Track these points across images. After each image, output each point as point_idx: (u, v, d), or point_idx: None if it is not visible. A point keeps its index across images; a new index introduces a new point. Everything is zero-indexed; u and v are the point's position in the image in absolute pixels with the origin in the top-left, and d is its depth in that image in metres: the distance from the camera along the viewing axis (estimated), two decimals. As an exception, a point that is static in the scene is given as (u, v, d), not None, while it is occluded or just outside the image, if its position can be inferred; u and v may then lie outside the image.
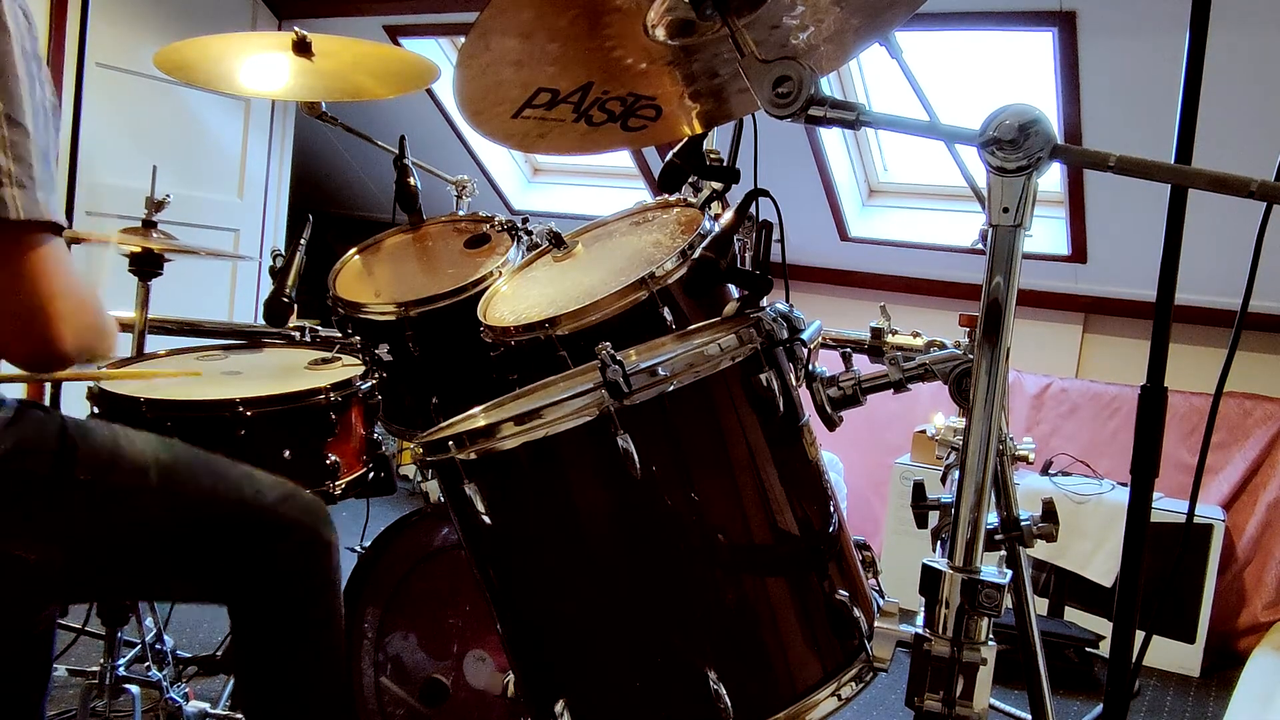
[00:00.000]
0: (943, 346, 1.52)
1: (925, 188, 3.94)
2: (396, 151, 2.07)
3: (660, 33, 1.17)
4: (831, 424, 1.21)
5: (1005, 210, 0.90)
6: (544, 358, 1.40)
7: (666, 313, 1.37)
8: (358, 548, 2.01)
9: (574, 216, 3.15)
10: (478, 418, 1.25)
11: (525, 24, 1.10)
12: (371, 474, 1.95)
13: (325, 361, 1.99)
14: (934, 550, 1.36)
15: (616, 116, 1.28)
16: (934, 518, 1.42)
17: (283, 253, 1.92)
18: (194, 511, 1.34)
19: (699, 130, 1.41)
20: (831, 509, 1.19)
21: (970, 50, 3.61)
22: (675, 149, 1.46)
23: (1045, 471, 3.40)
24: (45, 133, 1.09)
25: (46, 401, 3.09)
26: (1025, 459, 1.60)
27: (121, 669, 2.02)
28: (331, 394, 1.79)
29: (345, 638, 1.51)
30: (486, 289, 1.67)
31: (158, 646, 2.16)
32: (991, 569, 0.94)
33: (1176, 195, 1.33)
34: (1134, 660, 1.34)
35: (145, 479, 1.29)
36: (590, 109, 1.24)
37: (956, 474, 0.98)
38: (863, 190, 4.02)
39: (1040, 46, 3.13)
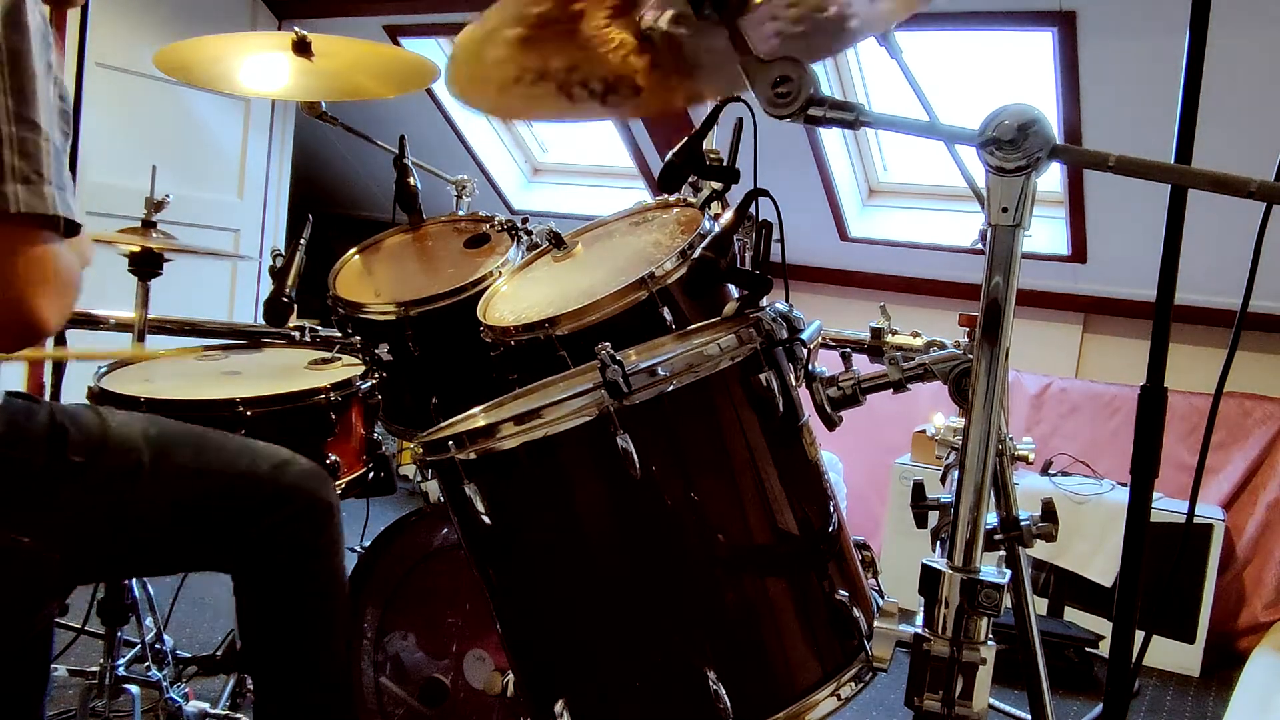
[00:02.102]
0: (942, 346, 1.52)
1: (925, 188, 3.94)
2: (396, 151, 2.07)
3: (660, 23, 1.17)
4: (831, 424, 1.21)
5: (1004, 210, 0.90)
6: (544, 358, 1.40)
7: (666, 313, 1.37)
8: (358, 548, 2.01)
9: (574, 216, 3.15)
10: (478, 418, 1.25)
11: (528, 16, 1.11)
12: (371, 474, 1.95)
13: (325, 361, 1.99)
14: (934, 550, 1.36)
15: (597, 94, 1.28)
16: (934, 518, 1.42)
17: (283, 253, 1.92)
18: (190, 485, 1.34)
19: (678, 105, 1.41)
20: (831, 509, 1.19)
21: (970, 50, 3.61)
22: (675, 149, 1.46)
23: (1045, 471, 3.40)
24: (57, 132, 1.09)
25: (47, 394, 3.09)
26: (1025, 459, 1.60)
27: (121, 669, 2.02)
28: (331, 394, 1.79)
29: (349, 598, 1.51)
30: (486, 289, 1.67)
31: (157, 646, 2.16)
32: (991, 569, 0.94)
33: (1176, 195, 1.33)
34: (1134, 660, 1.34)
35: (138, 457, 1.29)
36: (572, 88, 1.25)
37: (956, 474, 0.98)
38: (863, 190, 4.02)
39: (1040, 46, 3.13)
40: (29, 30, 1.06)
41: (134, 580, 2.05)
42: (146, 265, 2.13)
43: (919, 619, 0.96)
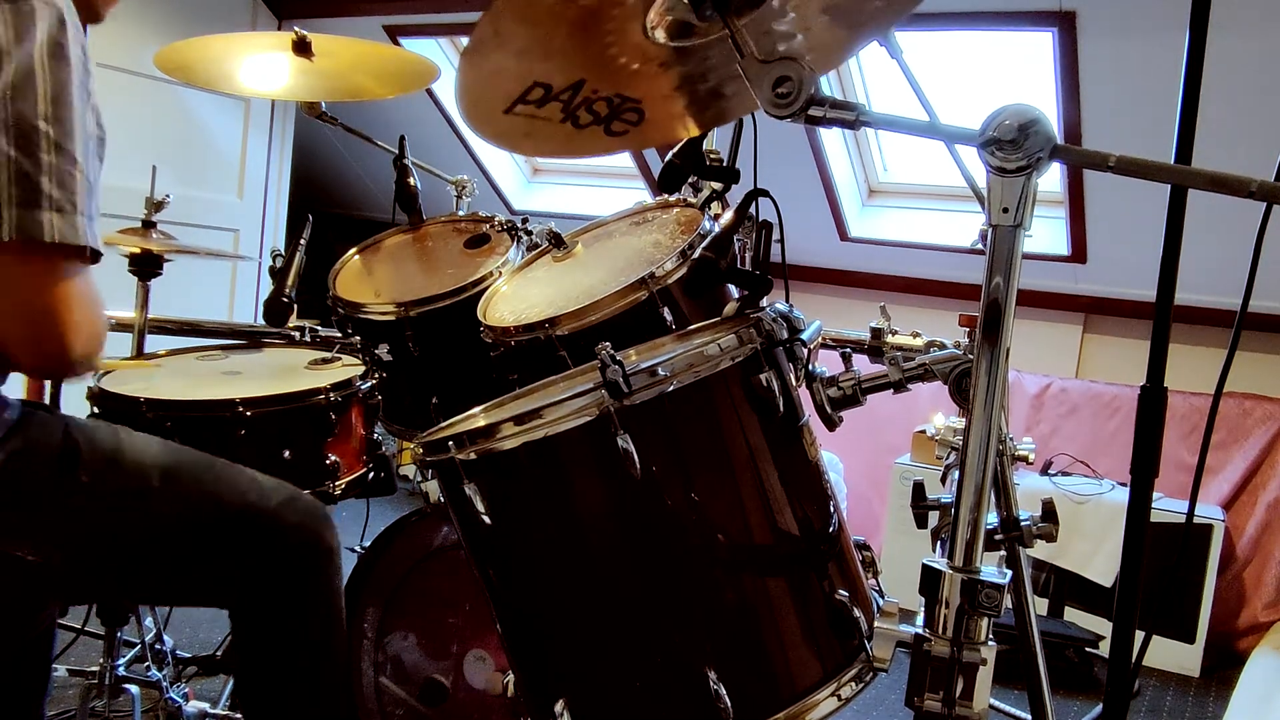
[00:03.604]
0: (943, 346, 1.53)
1: (925, 188, 3.94)
2: (396, 151, 2.07)
3: (659, 34, 1.17)
4: (831, 424, 1.21)
5: (1005, 210, 0.90)
6: (544, 358, 1.40)
7: (666, 313, 1.37)
8: (358, 548, 2.01)
9: (574, 216, 3.15)
10: (478, 418, 1.25)
11: (537, 13, 1.10)
12: (371, 474, 1.95)
13: (325, 361, 1.99)
14: (934, 550, 1.36)
15: (601, 119, 1.28)
16: (934, 518, 1.42)
17: (283, 253, 1.92)
18: (195, 514, 1.34)
19: (681, 136, 1.41)
20: (831, 509, 1.19)
21: (970, 50, 3.61)
22: (675, 149, 1.46)
23: (1045, 471, 3.40)
24: (91, 164, 1.12)
25: (46, 400, 3.09)
26: (1025, 459, 1.60)
27: (121, 669, 2.02)
28: (331, 394, 1.79)
29: (346, 640, 1.51)
30: (486, 289, 1.67)
31: (157, 646, 2.16)
32: (991, 569, 0.94)
33: (1176, 195, 1.33)
34: (1134, 660, 1.34)
35: (147, 481, 1.29)
36: (578, 109, 1.25)
37: (956, 474, 0.98)
38: (863, 190, 4.02)
39: (1040, 46, 3.13)
40: (71, 62, 1.10)
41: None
42: (147, 265, 2.13)
43: (919, 619, 0.96)
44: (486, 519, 1.10)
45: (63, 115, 1.08)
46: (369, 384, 1.88)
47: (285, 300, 1.81)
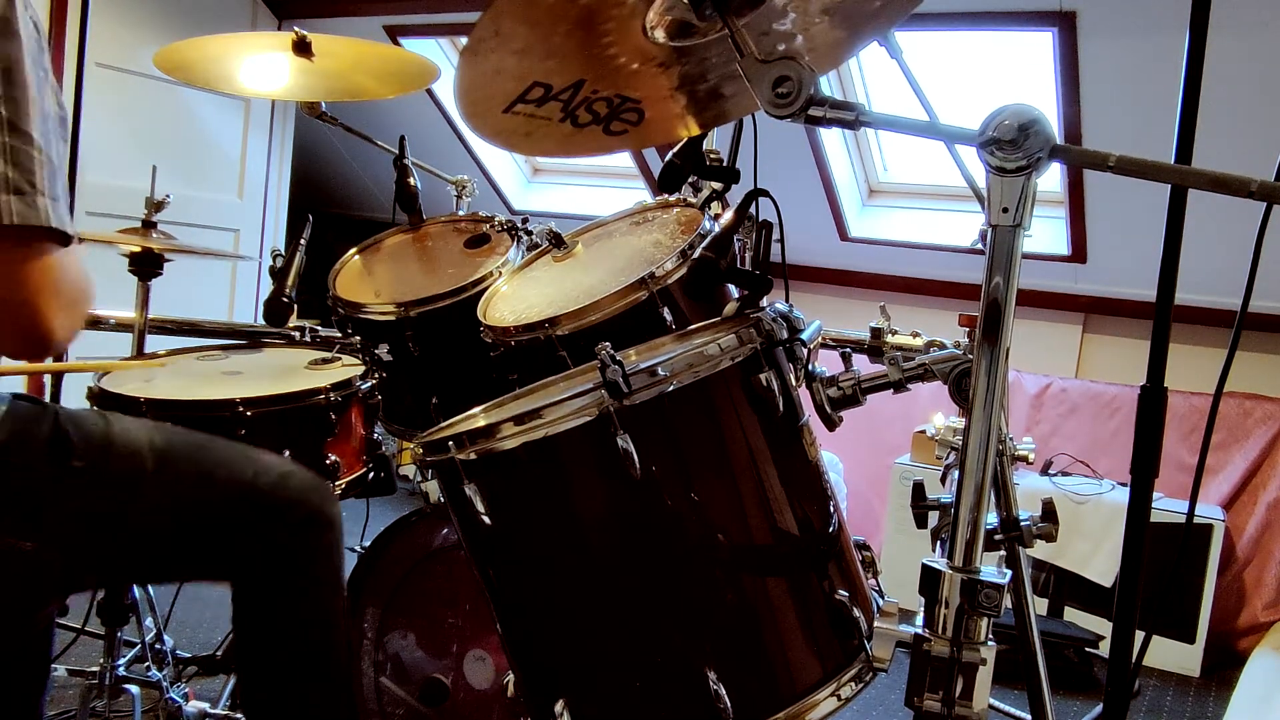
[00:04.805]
0: (942, 346, 1.53)
1: (925, 188, 3.94)
2: (396, 151, 2.07)
3: (659, 34, 1.17)
4: (831, 424, 1.21)
5: (1005, 210, 0.90)
6: (544, 358, 1.40)
7: (666, 313, 1.37)
8: (358, 548, 2.01)
9: (574, 216, 3.15)
10: (478, 418, 1.25)
11: (537, 13, 1.11)
12: (371, 474, 1.95)
13: (325, 361, 1.99)
14: (934, 550, 1.36)
15: (601, 119, 1.28)
16: (934, 518, 1.42)
17: (283, 253, 1.92)
18: (193, 493, 1.34)
19: (681, 136, 1.41)
20: (831, 509, 1.19)
21: (970, 50, 3.61)
22: (675, 149, 1.46)
23: (1045, 471, 3.40)
24: (51, 142, 1.09)
25: (46, 397, 3.09)
26: (1025, 459, 1.60)
27: (121, 669, 2.02)
28: (331, 394, 1.79)
29: (349, 615, 1.51)
30: (486, 289, 1.67)
31: (158, 646, 2.16)
32: (991, 569, 0.94)
33: (1176, 195, 1.33)
34: (1134, 660, 1.34)
35: (141, 464, 1.29)
36: (577, 109, 1.25)
37: (956, 474, 0.98)
38: (863, 190, 4.03)
39: (1040, 46, 3.13)
40: (22, 39, 1.05)
41: (134, 582, 2.05)
42: (146, 265, 2.13)
43: (919, 619, 0.96)
44: (486, 519, 1.10)
45: (15, 94, 1.04)
46: (369, 384, 1.88)
47: (285, 300, 1.81)
